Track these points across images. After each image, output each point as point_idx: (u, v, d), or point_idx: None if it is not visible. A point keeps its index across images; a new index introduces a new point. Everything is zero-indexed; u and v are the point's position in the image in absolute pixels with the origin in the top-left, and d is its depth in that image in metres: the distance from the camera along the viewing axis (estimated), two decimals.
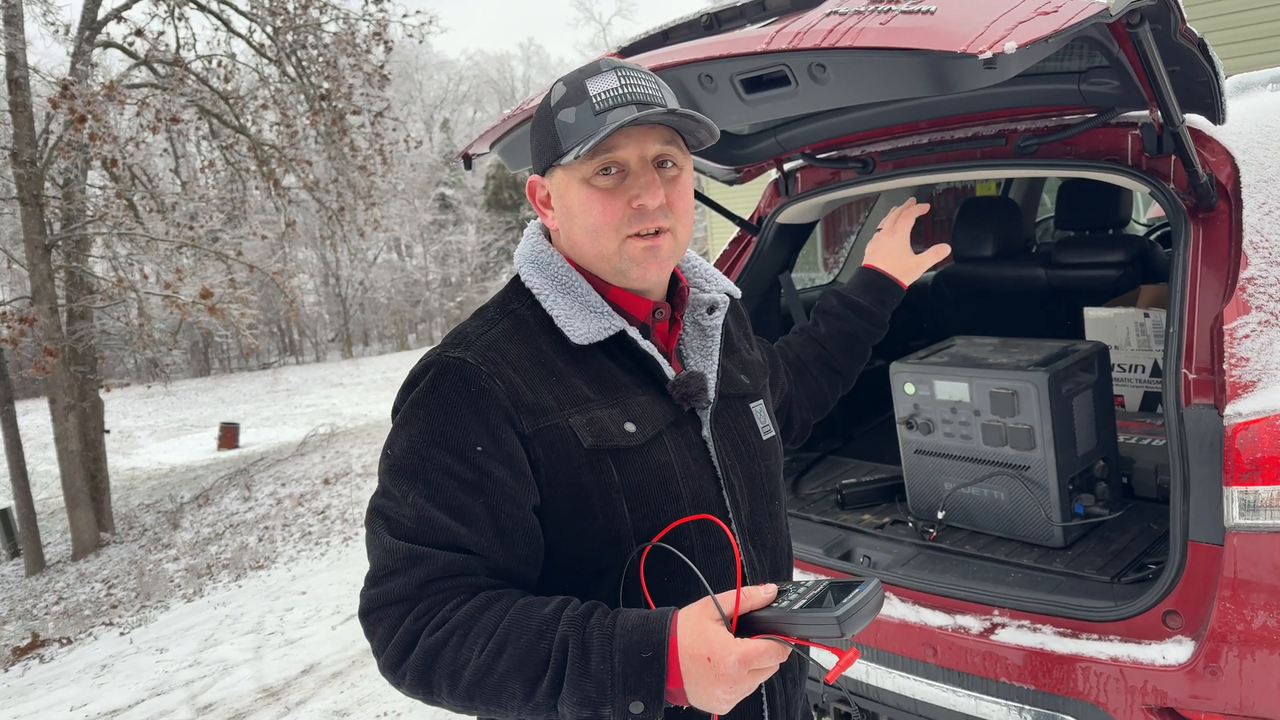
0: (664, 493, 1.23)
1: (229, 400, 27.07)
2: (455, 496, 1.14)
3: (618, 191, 1.22)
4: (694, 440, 1.29)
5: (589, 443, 1.18)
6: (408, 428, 1.18)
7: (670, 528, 1.22)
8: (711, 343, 1.37)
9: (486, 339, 1.22)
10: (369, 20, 13.20)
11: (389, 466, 1.18)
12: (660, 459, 1.23)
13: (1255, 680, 1.81)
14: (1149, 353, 2.98)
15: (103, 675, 6.04)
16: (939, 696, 2.20)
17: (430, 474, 1.15)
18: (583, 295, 1.26)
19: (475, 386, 1.16)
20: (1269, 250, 1.99)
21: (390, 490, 1.17)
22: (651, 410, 1.25)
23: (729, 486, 1.31)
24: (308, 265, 37.42)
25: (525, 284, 1.29)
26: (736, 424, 1.37)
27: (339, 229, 14.67)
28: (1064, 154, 2.31)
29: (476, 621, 1.09)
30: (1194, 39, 1.71)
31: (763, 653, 1.03)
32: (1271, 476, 1.77)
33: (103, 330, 13.32)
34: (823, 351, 1.80)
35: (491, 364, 1.18)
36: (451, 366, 1.18)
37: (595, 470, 1.19)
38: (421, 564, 1.12)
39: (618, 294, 1.29)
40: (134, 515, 14.07)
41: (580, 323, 1.23)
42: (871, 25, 1.49)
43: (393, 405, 1.25)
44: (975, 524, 2.54)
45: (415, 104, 46.27)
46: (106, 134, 11.03)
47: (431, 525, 1.14)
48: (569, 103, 1.22)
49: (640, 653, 1.05)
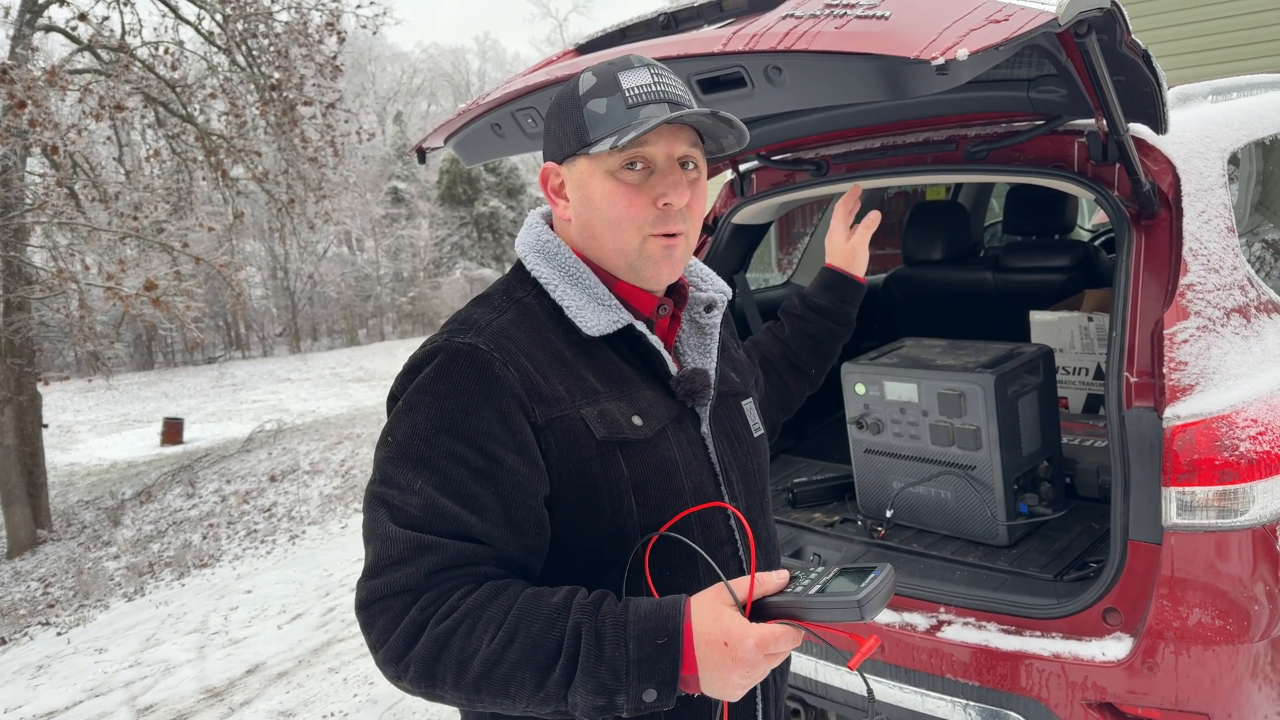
0: (669, 487, 1.23)
1: (173, 395, 26.49)
2: (466, 485, 1.12)
3: (643, 188, 1.22)
4: (694, 436, 1.30)
5: (601, 434, 1.18)
6: (412, 414, 1.15)
7: (678, 517, 1.23)
8: (710, 341, 1.38)
9: (496, 325, 1.20)
10: (322, 10, 13.00)
11: (392, 453, 1.15)
12: (666, 453, 1.24)
13: (1190, 675, 1.86)
14: (1092, 356, 3.04)
15: (39, 676, 5.88)
16: (886, 693, 2.23)
17: (439, 461, 1.12)
18: (591, 287, 1.25)
19: (489, 373, 1.14)
20: (1208, 257, 2.05)
21: (394, 478, 1.14)
22: (656, 405, 1.26)
23: (727, 483, 1.32)
24: (255, 258, 36.77)
25: (531, 273, 1.27)
26: (731, 421, 1.39)
27: (288, 221, 14.42)
28: (1013, 160, 2.35)
29: (485, 611, 1.08)
30: (1139, 50, 1.76)
31: (779, 637, 1.03)
32: (1208, 478, 1.83)
33: (41, 322, 12.94)
34: (788, 351, 1.81)
35: (504, 351, 1.16)
36: (462, 352, 1.16)
37: (605, 462, 1.18)
38: (430, 553, 1.10)
39: (624, 288, 1.29)
40: (73, 512, 13.71)
41: (591, 314, 1.23)
42: (827, 29, 1.51)
43: (390, 391, 1.22)
44: (922, 522, 2.58)
45: (368, 96, 45.70)
46: (47, 120, 10.71)
47: (440, 514, 1.11)
48: (600, 93, 1.21)
49: (655, 639, 1.04)
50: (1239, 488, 1.82)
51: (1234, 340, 1.99)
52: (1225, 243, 2.11)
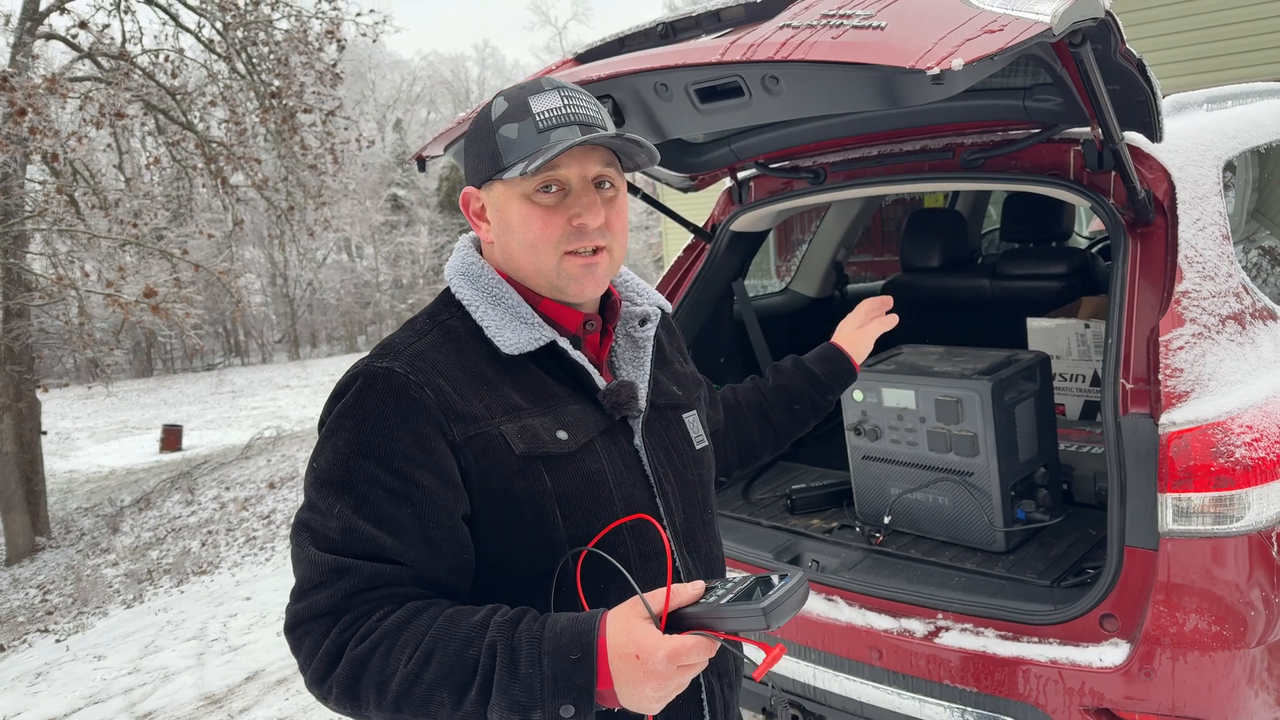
0: (597, 499, 1.24)
1: (172, 402, 26.50)
2: (382, 507, 1.14)
3: (559, 209, 1.24)
4: (626, 449, 1.30)
5: (520, 449, 1.19)
6: (334, 439, 1.17)
7: (606, 531, 1.23)
8: (643, 354, 1.38)
9: (415, 349, 1.22)
10: (322, 18, 13.03)
11: (315, 479, 1.17)
12: (593, 466, 1.25)
13: (1187, 681, 1.86)
14: (1089, 363, 3.05)
15: (38, 683, 5.88)
16: (884, 699, 2.23)
17: (357, 485, 1.14)
18: (513, 306, 1.27)
19: (404, 396, 1.16)
20: (1202, 265, 2.06)
21: (316, 503, 1.16)
22: (583, 419, 1.26)
23: (661, 493, 1.32)
24: (255, 265, 36.76)
25: (456, 296, 1.29)
26: (668, 433, 1.39)
27: (288, 228, 14.43)
28: (1009, 168, 2.37)
29: (403, 631, 1.09)
30: (1133, 59, 1.77)
31: (690, 648, 1.03)
32: (1204, 484, 1.83)
33: (41, 329, 12.95)
34: (763, 401, 1.80)
35: (420, 373, 1.18)
36: (379, 376, 1.17)
37: (527, 477, 1.19)
38: (347, 576, 1.11)
39: (549, 306, 1.30)
40: (71, 519, 13.70)
41: (510, 333, 1.24)
42: (824, 39, 1.52)
43: (319, 417, 1.24)
44: (920, 529, 2.59)
45: (368, 103, 45.76)
46: (47, 128, 10.73)
47: (357, 536, 1.13)
48: (511, 118, 1.23)
49: (569, 655, 1.04)
50: (1235, 494, 1.83)
51: (1229, 347, 2.00)
52: (1220, 250, 2.12)
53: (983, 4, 1.53)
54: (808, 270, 4.13)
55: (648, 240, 32.63)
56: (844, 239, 4.06)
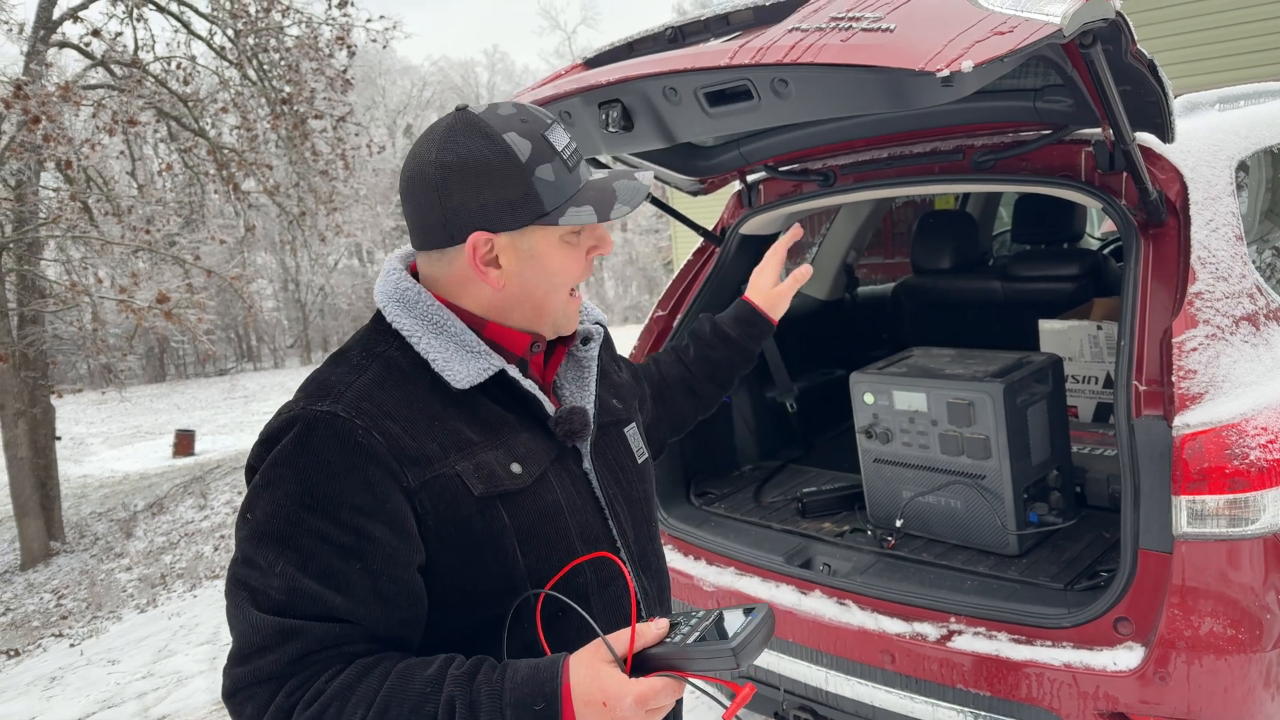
0: (554, 530, 1.20)
1: (185, 407, 26.62)
2: (330, 563, 1.06)
3: (580, 246, 1.23)
4: (576, 474, 1.27)
5: (480, 490, 1.14)
6: (271, 490, 1.08)
7: (565, 570, 1.19)
8: (588, 373, 1.35)
9: (356, 388, 1.13)
10: (332, 25, 13.08)
11: (251, 533, 1.08)
12: (548, 498, 1.21)
13: (1202, 685, 1.85)
14: (1102, 364, 3.04)
15: (52, 688, 5.91)
16: (896, 703, 2.22)
17: (301, 540, 1.05)
18: (457, 334, 1.19)
19: (350, 441, 1.07)
20: (1216, 266, 2.05)
21: (254, 559, 1.06)
22: (535, 448, 1.22)
23: (614, 515, 1.30)
24: (267, 270, 36.93)
25: (392, 324, 1.20)
26: (614, 451, 1.37)
27: (300, 234, 14.51)
28: (1020, 169, 2.36)
29: (354, 691, 1.02)
30: (1144, 60, 1.76)
31: (659, 691, 1.00)
32: (1218, 486, 1.82)
33: (55, 335, 13.04)
34: (688, 375, 1.78)
35: (367, 415, 1.10)
36: (320, 421, 1.08)
37: (486, 517, 1.14)
38: (294, 639, 1.04)
39: (495, 330, 1.23)
40: (85, 524, 13.78)
41: (459, 365, 1.17)
42: (832, 42, 1.52)
43: (247, 463, 1.15)
44: (932, 532, 2.57)
45: (378, 109, 45.93)
46: (61, 135, 10.81)
47: (303, 596, 1.05)
48: (542, 159, 1.16)
49: (533, 705, 1.00)
50: (1250, 496, 1.82)
51: (1243, 348, 1.99)
52: (1234, 251, 2.10)
53: (992, 6, 1.53)
54: (818, 273, 4.12)
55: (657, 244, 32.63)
56: (854, 241, 4.05)
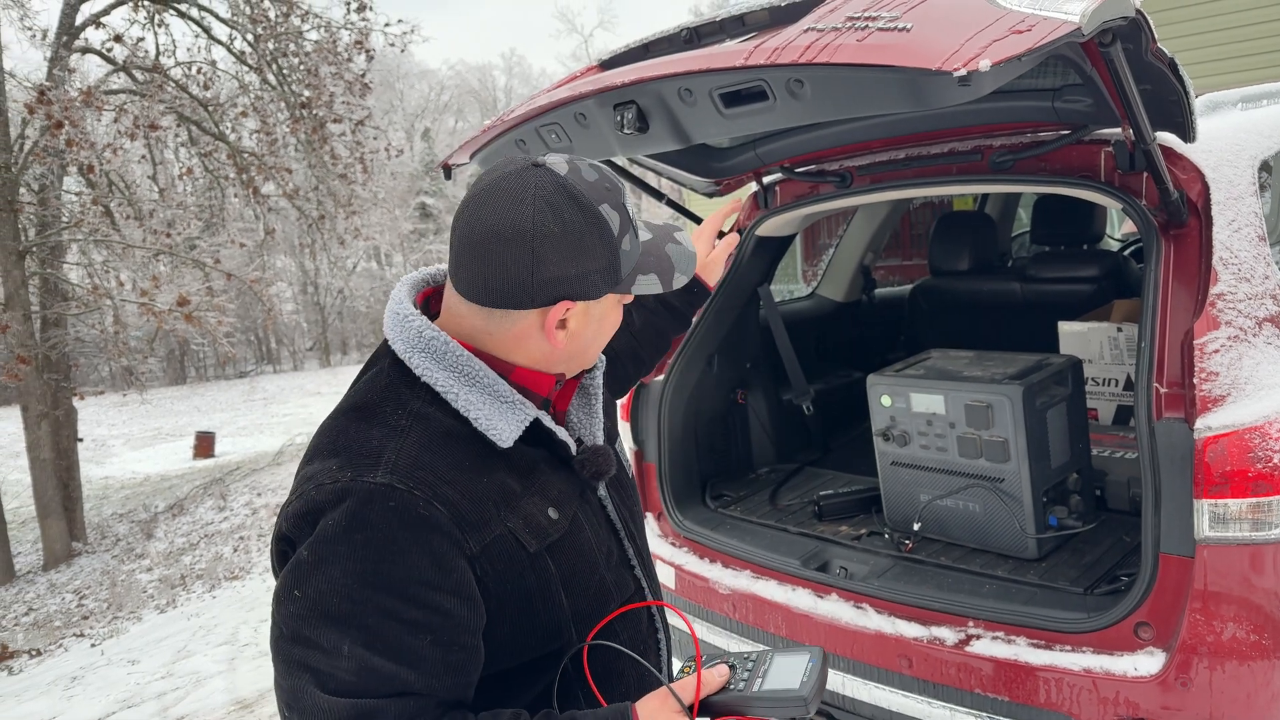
0: (588, 566, 1.22)
1: (205, 409, 26.80)
2: (400, 640, 1.03)
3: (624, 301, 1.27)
4: (594, 502, 1.29)
5: (533, 547, 1.14)
6: (326, 567, 1.03)
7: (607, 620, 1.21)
8: (595, 401, 1.36)
9: (406, 454, 1.09)
10: (350, 29, 13.15)
11: (304, 611, 1.03)
12: (582, 538, 1.22)
13: (1225, 691, 1.83)
14: (1122, 366, 3.01)
15: (73, 687, 5.96)
16: (914, 708, 2.21)
17: (367, 619, 1.02)
18: (490, 385, 1.16)
19: (413, 515, 1.04)
20: (1238, 266, 2.03)
21: (313, 639, 1.02)
22: (564, 488, 1.22)
23: (629, 536, 1.32)
24: (286, 273, 37.15)
25: (420, 377, 1.15)
26: (617, 473, 1.37)
27: (319, 237, 14.58)
28: (1038, 170, 2.34)
29: None
30: (1165, 59, 1.74)
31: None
32: (1240, 489, 1.80)
33: (77, 338, 13.17)
34: (635, 344, 1.80)
35: (425, 485, 1.06)
36: (377, 494, 1.04)
37: (538, 570, 1.15)
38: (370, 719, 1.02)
39: (522, 374, 1.21)
40: (107, 525, 13.89)
41: (500, 421, 1.15)
42: (848, 42, 1.51)
43: (278, 531, 1.10)
44: (950, 536, 2.56)
45: (396, 113, 46.15)
46: (83, 140, 10.93)
47: (376, 675, 1.02)
48: (624, 231, 1.18)
49: None
50: (1273, 500, 1.79)
51: (1266, 350, 1.96)
52: (1256, 251, 2.08)
53: (1010, 4, 1.51)
54: (834, 274, 4.10)
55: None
56: (871, 243, 4.04)
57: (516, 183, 1.13)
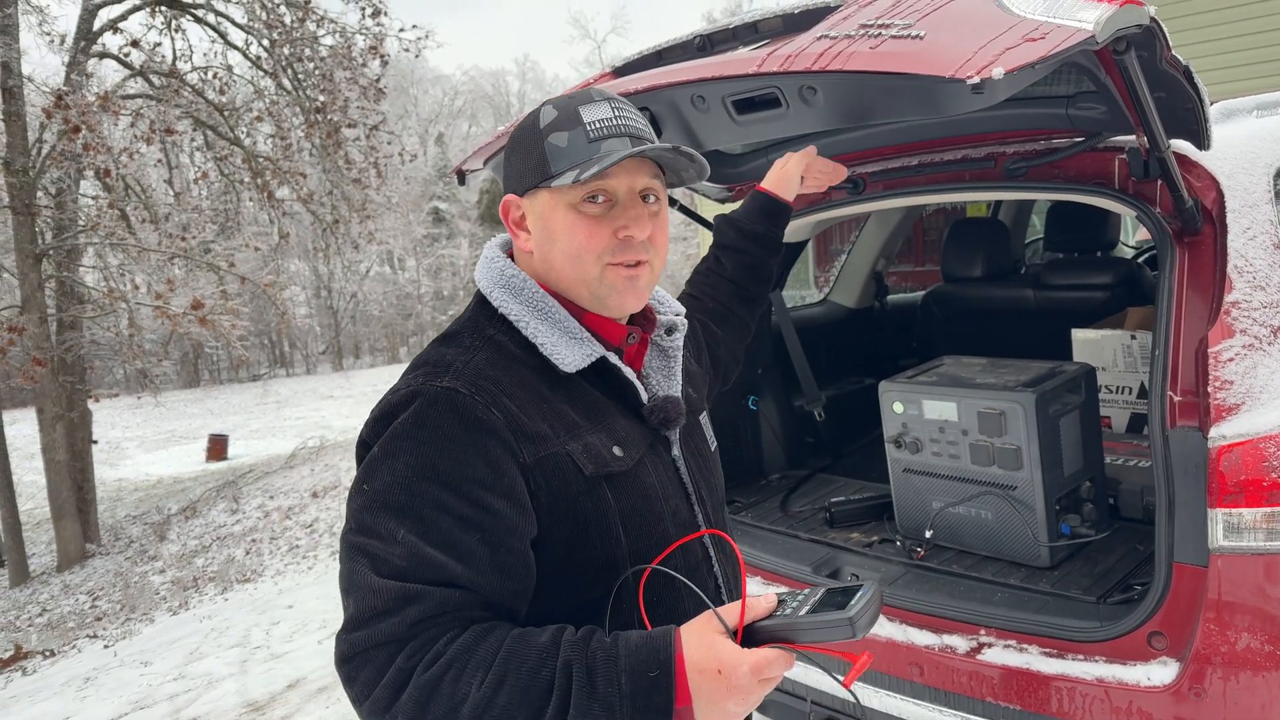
0: (651, 514, 1.24)
1: (218, 412, 26.93)
2: (450, 532, 1.09)
3: (604, 220, 1.22)
4: (666, 460, 1.32)
5: (589, 470, 1.18)
6: (391, 461, 1.11)
7: (671, 548, 1.23)
8: (674, 363, 1.38)
9: (473, 366, 1.18)
10: (365, 34, 13.23)
11: (369, 502, 1.11)
12: (647, 481, 1.25)
13: (1239, 702, 1.81)
14: (1136, 374, 3.00)
15: (86, 688, 5.99)
16: (925, 716, 2.20)
17: (422, 509, 1.09)
18: (561, 321, 1.24)
19: (471, 417, 1.12)
20: (1253, 275, 2.02)
21: (373, 527, 1.10)
22: (633, 433, 1.26)
23: (700, 501, 1.35)
24: (300, 277, 37.33)
25: (499, 309, 1.25)
26: (694, 440, 1.42)
27: (333, 241, 14.66)
28: (1052, 177, 2.33)
29: (473, 655, 1.05)
30: (1179, 66, 1.74)
31: (773, 661, 1.02)
32: (1255, 499, 1.79)
33: (92, 340, 13.25)
34: (737, 288, 1.83)
35: (486, 393, 1.14)
36: (442, 396, 1.13)
37: (594, 497, 1.18)
38: (416, 603, 1.07)
39: (593, 319, 1.28)
40: (120, 527, 13.97)
41: (566, 350, 1.22)
42: (861, 49, 1.51)
43: (360, 437, 1.19)
44: (962, 543, 2.55)
45: (410, 118, 46.35)
46: (100, 144, 11.02)
47: (425, 562, 1.08)
48: (561, 126, 1.21)
49: (648, 671, 1.03)
50: None
51: None
52: (1272, 259, 2.07)
53: (1024, 12, 1.51)
54: (847, 280, 4.10)
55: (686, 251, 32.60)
56: (884, 249, 4.03)
57: None
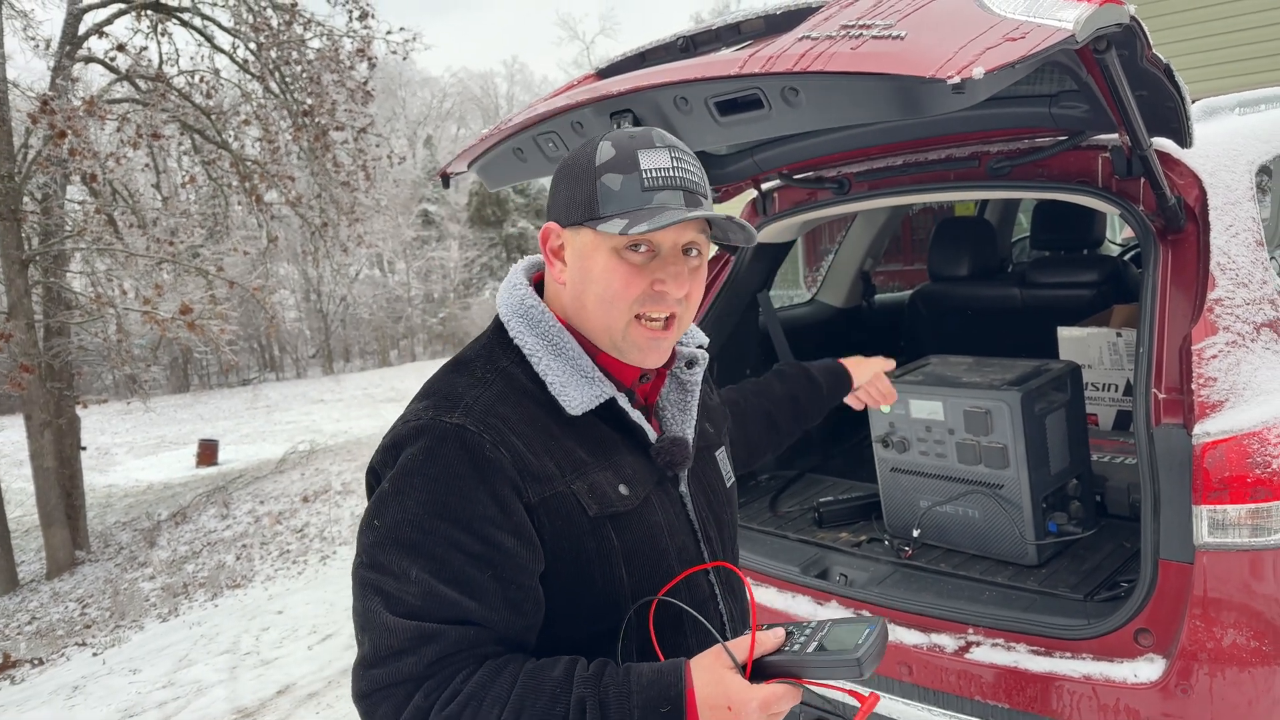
0: (655, 552, 1.24)
1: (208, 417, 26.80)
2: (463, 570, 1.10)
3: (644, 270, 1.20)
4: (673, 496, 1.31)
5: (594, 511, 1.18)
6: (401, 498, 1.12)
7: (674, 582, 1.23)
8: (691, 398, 1.36)
9: (483, 402, 1.17)
10: (353, 37, 13.17)
11: (381, 539, 1.12)
12: (651, 520, 1.24)
13: (1225, 698, 1.82)
14: (1122, 372, 3.01)
15: (74, 697, 5.96)
16: (914, 715, 2.20)
17: (434, 547, 1.10)
18: (574, 359, 1.23)
19: (480, 455, 1.12)
20: (1236, 272, 2.03)
21: (386, 565, 1.11)
22: (639, 471, 1.25)
23: (706, 539, 1.34)
24: (289, 281, 37.15)
25: (514, 340, 1.24)
26: (707, 475, 1.40)
27: (321, 245, 14.59)
28: (1036, 176, 2.34)
29: (488, 691, 1.06)
30: (1160, 64, 1.74)
31: (781, 696, 1.04)
32: (1240, 495, 1.79)
33: (80, 346, 13.17)
34: (772, 409, 1.83)
35: (494, 431, 1.14)
36: (451, 433, 1.12)
37: (598, 537, 1.18)
38: (432, 642, 1.08)
39: (607, 360, 1.26)
40: (110, 533, 13.89)
41: (574, 391, 1.21)
42: (843, 50, 1.51)
43: (369, 466, 1.20)
44: (950, 542, 2.55)
45: (399, 120, 46.25)
46: (86, 149, 10.94)
47: (439, 601, 1.09)
48: (616, 169, 1.18)
49: (659, 707, 1.04)
50: (1273, 505, 1.79)
51: (1265, 355, 1.96)
52: (1254, 256, 2.08)
53: (1004, 11, 1.51)
54: (834, 280, 4.11)
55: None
56: (870, 249, 4.04)
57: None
